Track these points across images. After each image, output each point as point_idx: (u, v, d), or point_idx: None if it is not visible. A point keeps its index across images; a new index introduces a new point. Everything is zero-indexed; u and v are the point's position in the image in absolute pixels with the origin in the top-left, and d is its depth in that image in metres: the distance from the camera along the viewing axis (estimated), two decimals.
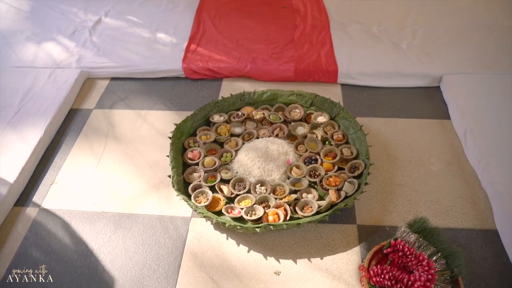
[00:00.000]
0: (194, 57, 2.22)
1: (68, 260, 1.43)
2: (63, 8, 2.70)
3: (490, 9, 2.50)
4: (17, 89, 2.07)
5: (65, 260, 1.43)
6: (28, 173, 1.71)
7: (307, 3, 2.66)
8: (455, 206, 1.54)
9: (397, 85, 2.08)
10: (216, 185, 1.60)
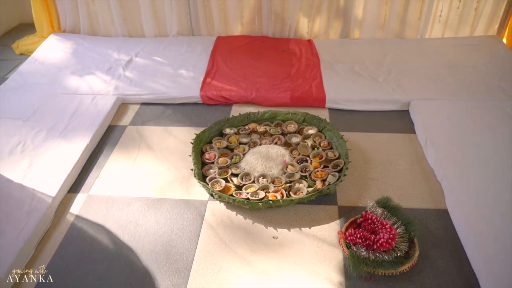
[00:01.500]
0: (210, 87, 2.74)
1: (111, 231, 1.83)
2: (99, 51, 3.26)
3: (452, 51, 3.04)
4: (65, 110, 2.56)
5: (108, 230, 1.84)
6: (78, 169, 2.15)
7: (302, 48, 3.22)
8: (415, 193, 1.96)
9: (374, 109, 2.57)
10: (228, 177, 2.04)
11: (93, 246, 1.76)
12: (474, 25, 3.23)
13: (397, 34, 3.31)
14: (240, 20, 3.44)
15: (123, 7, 3.40)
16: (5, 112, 2.55)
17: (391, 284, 1.57)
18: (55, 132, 2.36)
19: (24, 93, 2.75)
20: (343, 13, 3.31)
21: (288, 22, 3.37)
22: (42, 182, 2.01)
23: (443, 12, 3.21)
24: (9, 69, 3.20)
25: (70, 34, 3.50)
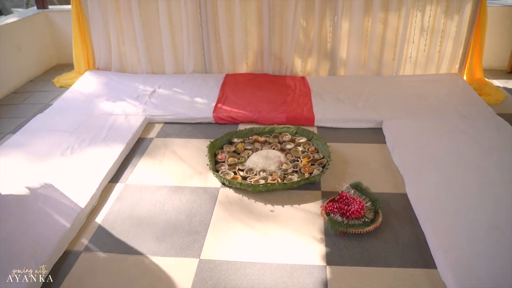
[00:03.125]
0: (220, 110, 3.35)
1: (144, 207, 2.37)
2: (128, 83, 3.91)
3: (420, 85, 3.68)
4: (103, 126, 3.15)
5: (142, 207, 2.37)
6: (116, 166, 2.70)
7: (296, 82, 3.87)
8: (383, 182, 2.51)
9: (353, 126, 3.16)
10: (235, 171, 2.60)
11: (131, 216, 2.29)
12: (439, 64, 3.91)
13: (375, 72, 3.98)
14: (246, 60, 4.13)
15: (148, 49, 4.11)
16: (55, 127, 3.14)
17: (360, 239, 2.09)
18: (96, 140, 2.95)
19: (68, 114, 3.37)
20: (331, 55, 4.00)
21: (285, 62, 4.06)
22: (89, 175, 2.55)
23: (412, 54, 3.91)
24: (52, 97, 3.85)
25: (103, 71, 4.19)
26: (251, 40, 4.03)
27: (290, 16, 3.83)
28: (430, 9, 3.76)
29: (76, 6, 3.99)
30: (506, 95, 3.64)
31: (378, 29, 3.83)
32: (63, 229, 2.11)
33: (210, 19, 3.95)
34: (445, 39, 3.83)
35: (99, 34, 4.10)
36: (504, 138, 2.85)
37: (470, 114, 3.18)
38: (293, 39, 3.93)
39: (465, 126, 2.98)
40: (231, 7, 3.87)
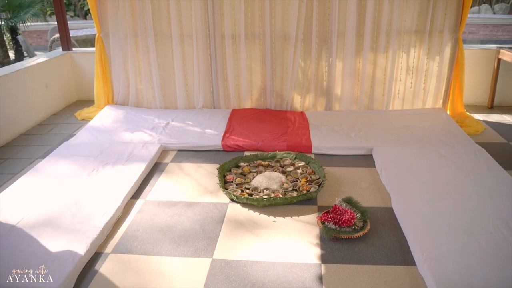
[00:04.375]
0: (228, 139, 3.75)
1: (162, 218, 2.71)
2: (144, 117, 4.33)
3: (408, 118, 4.08)
4: (124, 152, 3.53)
5: (161, 218, 2.71)
6: (137, 185, 3.06)
7: (296, 116, 4.28)
8: (371, 198, 2.85)
9: (346, 153, 3.53)
10: (242, 189, 2.96)
11: (151, 226, 2.63)
12: (424, 100, 4.34)
13: (367, 106, 4.41)
14: (250, 97, 4.57)
15: (162, 86, 4.56)
16: (80, 152, 3.52)
17: (350, 243, 2.42)
18: (118, 164, 3.32)
19: (92, 142, 3.76)
20: (326, 92, 4.44)
21: (286, 99, 4.49)
22: (113, 192, 2.91)
23: (400, 90, 4.35)
24: (75, 128, 4.26)
25: (120, 106, 4.63)
26: (255, 79, 4.48)
27: (290, 58, 4.30)
28: (414, 51, 4.24)
29: (100, 48, 4.49)
30: (485, 127, 4.05)
31: (368, 69, 4.29)
32: (93, 234, 2.44)
33: (219, 60, 4.43)
34: (429, 78, 4.28)
35: (119, 72, 4.58)
36: (480, 162, 3.21)
37: (451, 142, 3.56)
38: (293, 78, 4.38)
39: (446, 152, 3.36)
40: (238, 50, 4.35)
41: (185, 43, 4.41)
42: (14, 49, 8.36)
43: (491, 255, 2.19)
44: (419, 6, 4.12)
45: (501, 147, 3.67)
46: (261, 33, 4.29)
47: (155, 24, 4.35)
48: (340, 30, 4.21)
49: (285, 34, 4.27)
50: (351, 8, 4.12)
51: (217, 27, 4.31)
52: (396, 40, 4.19)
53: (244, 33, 4.26)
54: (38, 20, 11.12)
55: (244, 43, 4.29)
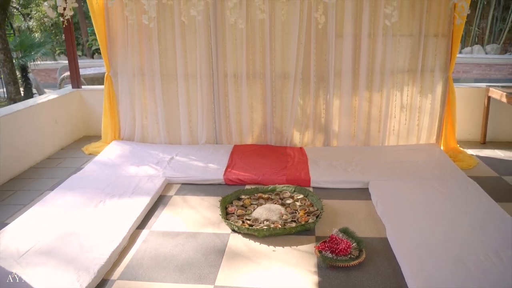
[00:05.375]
0: (230, 173, 3.90)
1: (167, 247, 2.82)
2: (149, 152, 4.50)
3: (403, 153, 4.25)
4: (130, 185, 3.68)
5: (166, 247, 2.82)
6: (142, 216, 3.19)
7: (295, 152, 4.45)
8: (367, 229, 2.97)
9: (344, 187, 3.67)
10: (243, 221, 3.08)
11: (156, 254, 2.75)
12: (419, 136, 4.52)
13: (364, 142, 4.58)
14: (251, 133, 4.76)
15: (167, 122, 4.76)
16: (87, 185, 3.67)
17: (346, 271, 2.52)
18: (124, 196, 3.46)
19: (99, 175, 3.92)
20: (325, 128, 4.63)
21: (285, 135, 4.68)
22: (119, 222, 3.04)
23: (395, 127, 4.54)
24: (83, 162, 4.43)
25: (126, 141, 4.81)
26: (256, 116, 4.69)
27: (289, 96, 4.52)
28: (407, 89, 4.46)
29: (109, 86, 4.72)
30: (477, 161, 4.21)
31: (364, 106, 4.50)
32: (100, 262, 2.56)
33: (222, 98, 4.65)
34: (422, 115, 4.48)
35: (126, 109, 4.79)
36: (472, 194, 3.35)
37: (444, 176, 3.71)
38: (292, 115, 4.59)
39: (439, 185, 3.50)
40: (239, 88, 4.58)
41: (190, 81, 4.65)
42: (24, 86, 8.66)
43: (481, 280, 2.30)
44: (410, 47, 4.37)
45: (492, 181, 3.81)
46: (261, 72, 4.53)
47: (161, 63, 4.60)
48: (337, 70, 4.44)
49: (284, 73, 4.50)
50: (346, 49, 4.37)
51: (220, 67, 4.56)
52: (390, 79, 4.42)
53: (246, 73, 4.50)
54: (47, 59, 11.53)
55: (245, 82, 4.52)
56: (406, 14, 4.26)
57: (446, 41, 4.31)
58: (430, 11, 4.22)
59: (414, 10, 4.23)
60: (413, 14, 4.24)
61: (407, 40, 4.35)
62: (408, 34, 4.33)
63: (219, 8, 4.34)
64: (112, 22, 4.57)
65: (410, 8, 4.23)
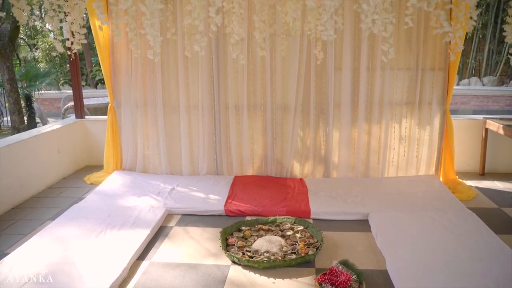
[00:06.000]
0: (231, 205, 3.92)
1: (168, 281, 2.82)
2: (150, 182, 4.54)
3: (402, 185, 4.28)
4: (131, 215, 3.70)
5: (166, 281, 2.82)
6: (142, 247, 3.20)
7: (295, 183, 4.48)
8: (367, 261, 2.97)
9: (343, 218, 3.69)
10: (243, 252, 3.09)
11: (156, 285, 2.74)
12: (417, 167, 4.56)
13: (363, 174, 4.62)
14: (252, 164, 4.80)
15: (168, 153, 4.82)
16: (89, 215, 3.69)
17: None
18: (125, 227, 3.47)
19: (100, 205, 3.94)
20: (324, 160, 4.68)
21: (286, 166, 4.72)
22: (119, 253, 3.05)
23: (394, 158, 4.59)
24: (84, 192, 4.46)
25: (128, 171, 4.86)
26: (257, 147, 4.75)
27: (290, 128, 4.59)
28: (405, 121, 4.53)
29: (112, 117, 4.81)
30: (477, 193, 4.23)
31: (363, 138, 4.56)
32: None
33: (223, 130, 4.72)
34: (421, 146, 4.54)
35: (128, 140, 4.86)
36: (471, 226, 3.36)
37: (443, 207, 3.73)
38: (292, 147, 4.65)
39: (438, 217, 3.51)
40: (240, 120, 4.66)
41: (191, 113, 4.73)
42: (28, 115, 8.78)
43: None
44: (408, 80, 4.47)
45: (492, 212, 3.83)
46: (262, 104, 4.62)
47: (164, 95, 4.70)
48: (336, 102, 4.53)
49: (285, 105, 4.59)
50: (345, 81, 4.47)
51: (222, 99, 4.65)
52: (388, 111, 4.50)
53: (247, 104, 4.59)
54: (52, 88, 11.72)
55: (246, 114, 4.61)
56: (403, 49, 4.38)
57: (442, 74, 4.42)
58: (426, 46, 4.34)
59: (411, 45, 4.35)
60: (410, 48, 4.36)
61: (405, 73, 4.46)
62: (406, 68, 4.44)
63: (221, 43, 4.48)
64: (117, 55, 4.70)
65: (407, 43, 4.36)
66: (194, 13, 2.64)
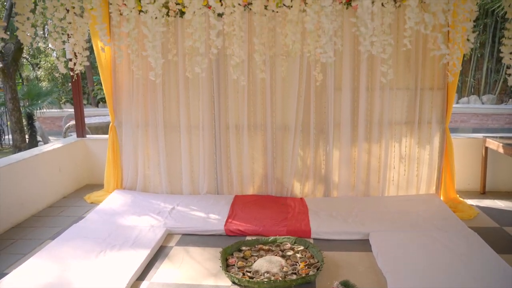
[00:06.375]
0: (231, 224, 3.91)
1: None
2: (150, 201, 4.54)
3: (403, 204, 4.27)
4: (131, 235, 3.69)
5: None
6: (142, 267, 3.18)
7: (296, 203, 4.47)
8: (368, 281, 2.95)
9: (344, 238, 3.67)
10: (244, 273, 3.07)
11: None
12: (418, 186, 4.56)
13: (364, 193, 4.62)
14: (252, 184, 4.81)
15: (169, 173, 4.83)
16: (89, 234, 3.68)
17: None
18: (125, 246, 3.46)
19: (100, 224, 3.93)
20: (325, 179, 4.68)
21: (286, 185, 4.72)
22: (119, 274, 3.03)
23: (394, 177, 4.59)
24: (85, 211, 4.45)
25: (128, 190, 4.86)
26: (257, 166, 4.76)
27: (290, 147, 4.61)
28: (405, 140, 4.55)
29: (113, 136, 4.84)
30: (478, 212, 4.22)
31: (363, 157, 4.58)
32: None
33: (223, 149, 4.74)
34: (421, 165, 4.55)
35: (129, 159, 4.87)
36: (472, 245, 3.35)
37: (444, 227, 3.72)
38: (293, 166, 4.66)
39: (440, 236, 3.50)
40: (241, 139, 4.68)
41: (192, 132, 4.76)
42: (29, 134, 8.81)
43: None
44: (407, 100, 4.51)
45: (493, 232, 3.81)
46: (262, 124, 4.65)
47: (165, 115, 4.74)
48: (336, 122, 4.56)
49: (285, 125, 4.62)
50: (345, 101, 4.51)
51: (222, 118, 4.69)
52: (388, 130, 4.52)
53: (247, 124, 4.62)
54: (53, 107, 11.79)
55: (247, 133, 4.63)
56: (402, 69, 4.43)
57: (441, 94, 4.45)
58: (425, 66, 4.39)
59: (409, 65, 4.40)
60: (409, 68, 4.41)
61: (404, 93, 4.50)
62: (405, 88, 4.48)
63: (221, 64, 4.54)
64: (119, 75, 4.76)
65: (406, 63, 4.41)
66: (195, 35, 2.69)
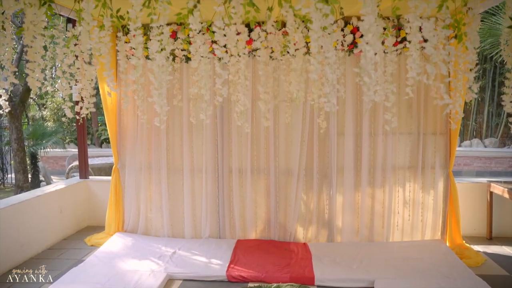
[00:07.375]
0: (233, 270, 3.84)
1: None
2: (152, 245, 4.47)
3: (407, 250, 4.19)
4: (131, 279, 3.59)
5: None
6: None
7: (299, 248, 4.40)
8: None
9: (349, 285, 3.58)
10: None
11: None
12: (423, 231, 4.50)
13: (368, 238, 4.55)
14: (255, 228, 4.75)
15: (171, 216, 4.79)
16: (87, 279, 3.59)
17: None
18: None
19: (100, 268, 3.86)
20: (328, 224, 4.63)
21: (289, 230, 4.67)
22: None
23: (399, 222, 4.54)
24: (84, 254, 4.39)
25: (130, 233, 4.81)
26: (260, 211, 4.72)
27: (293, 192, 4.59)
28: (409, 185, 4.53)
29: (116, 178, 4.84)
30: (485, 259, 4.14)
31: (367, 202, 4.55)
32: None
33: (226, 193, 4.73)
34: (425, 210, 4.50)
35: (131, 201, 4.85)
36: None
37: (451, 274, 3.64)
38: (296, 211, 4.62)
39: (446, 285, 3.43)
40: (244, 183, 4.68)
41: (195, 176, 4.76)
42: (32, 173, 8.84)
43: None
44: (410, 145, 4.52)
45: (502, 280, 3.72)
46: (266, 168, 4.65)
47: (168, 158, 4.76)
48: (339, 166, 4.57)
49: (288, 169, 4.63)
50: (348, 146, 4.53)
51: (225, 162, 4.70)
52: (391, 175, 4.51)
53: (250, 168, 4.63)
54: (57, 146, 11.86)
55: (250, 177, 4.63)
56: (404, 114, 4.48)
57: (444, 139, 4.48)
58: (427, 112, 4.45)
59: (412, 111, 4.45)
60: (411, 114, 4.46)
61: (407, 138, 4.52)
62: (407, 133, 4.52)
63: (226, 109, 4.60)
64: (124, 118, 4.82)
65: (408, 108, 4.46)
66: (200, 82, 2.74)
